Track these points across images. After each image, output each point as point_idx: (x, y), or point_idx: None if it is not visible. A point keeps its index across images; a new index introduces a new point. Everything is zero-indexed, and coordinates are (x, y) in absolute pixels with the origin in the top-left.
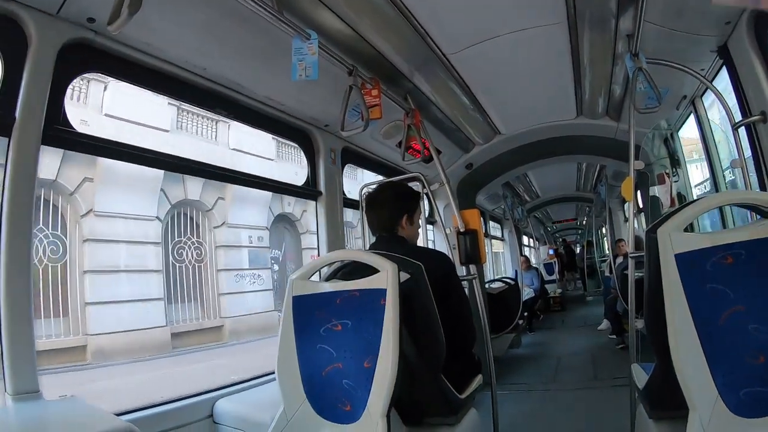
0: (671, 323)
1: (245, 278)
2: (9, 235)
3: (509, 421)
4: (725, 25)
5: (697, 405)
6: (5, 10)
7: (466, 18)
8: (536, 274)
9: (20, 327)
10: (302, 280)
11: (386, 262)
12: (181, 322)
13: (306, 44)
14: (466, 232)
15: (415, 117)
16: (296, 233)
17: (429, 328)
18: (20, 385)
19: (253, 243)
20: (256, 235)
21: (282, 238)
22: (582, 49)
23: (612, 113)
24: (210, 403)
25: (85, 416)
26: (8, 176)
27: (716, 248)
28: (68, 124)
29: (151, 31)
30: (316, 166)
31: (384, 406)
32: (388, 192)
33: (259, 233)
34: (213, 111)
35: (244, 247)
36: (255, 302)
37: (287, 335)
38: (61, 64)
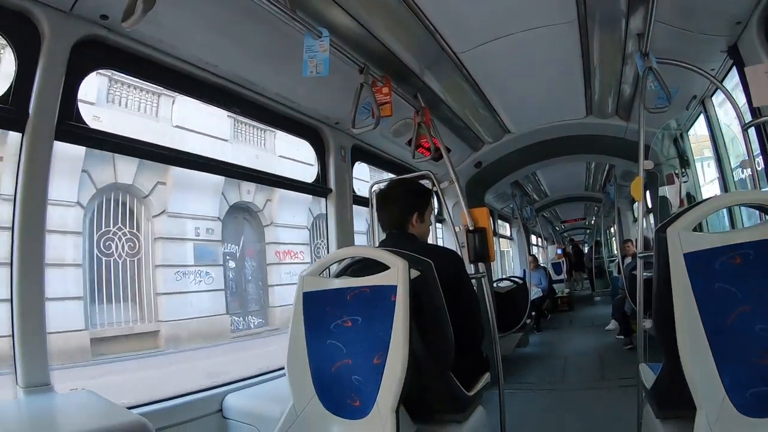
0: (679, 322)
1: (189, 276)
2: (22, 229)
3: (516, 419)
4: (735, 25)
5: (704, 404)
6: (19, 7)
7: (477, 16)
8: (544, 273)
9: (32, 321)
10: (313, 276)
11: (397, 258)
12: (107, 326)
13: (318, 42)
14: (476, 230)
15: (425, 115)
16: (258, 225)
17: (438, 325)
18: (32, 378)
19: (200, 235)
20: (205, 226)
21: (240, 230)
22: (592, 48)
23: (621, 113)
24: (219, 397)
25: (96, 409)
26: (22, 171)
27: (725, 248)
28: (81, 119)
29: (163, 28)
30: (326, 163)
31: (393, 402)
32: (399, 189)
33: (208, 224)
34: (224, 108)
35: (188, 240)
36: (202, 304)
37: (297, 331)
38: (74, 61)
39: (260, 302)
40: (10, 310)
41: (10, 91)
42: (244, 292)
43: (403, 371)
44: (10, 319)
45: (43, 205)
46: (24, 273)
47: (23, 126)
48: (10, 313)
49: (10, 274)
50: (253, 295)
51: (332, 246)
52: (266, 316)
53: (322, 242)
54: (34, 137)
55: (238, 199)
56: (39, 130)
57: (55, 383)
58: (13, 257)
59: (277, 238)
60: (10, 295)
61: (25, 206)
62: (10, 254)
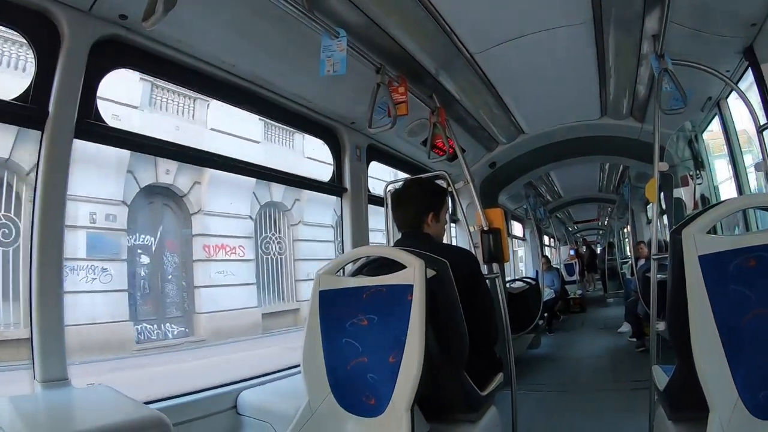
0: (693, 324)
1: (78, 272)
2: (42, 226)
3: (528, 420)
4: (751, 27)
5: (717, 406)
6: (39, 7)
7: (492, 17)
8: (557, 274)
9: (51, 316)
10: (329, 274)
11: (414, 258)
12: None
13: (335, 42)
14: (490, 231)
15: (441, 115)
16: (183, 214)
17: (453, 325)
18: (49, 372)
19: (96, 223)
20: (104, 211)
21: (158, 218)
22: (607, 49)
23: (636, 114)
24: (234, 394)
25: (113, 404)
26: (41, 169)
27: (740, 251)
28: (100, 118)
29: (182, 28)
30: (341, 162)
31: (408, 401)
32: (415, 189)
33: (108, 209)
34: (241, 107)
35: (80, 228)
36: (95, 308)
37: (313, 329)
38: (94, 60)
39: (183, 307)
40: (29, 305)
41: (30, 90)
42: (161, 294)
43: (419, 370)
44: (29, 314)
45: (62, 203)
46: (43, 269)
47: (43, 124)
48: (29, 308)
49: (29, 271)
50: (174, 298)
51: (347, 245)
52: (190, 324)
53: (274, 235)
54: (53, 135)
55: (154, 180)
56: (59, 129)
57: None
58: (32, 254)
59: (208, 229)
60: (29, 291)
61: (45, 203)
62: (30, 251)
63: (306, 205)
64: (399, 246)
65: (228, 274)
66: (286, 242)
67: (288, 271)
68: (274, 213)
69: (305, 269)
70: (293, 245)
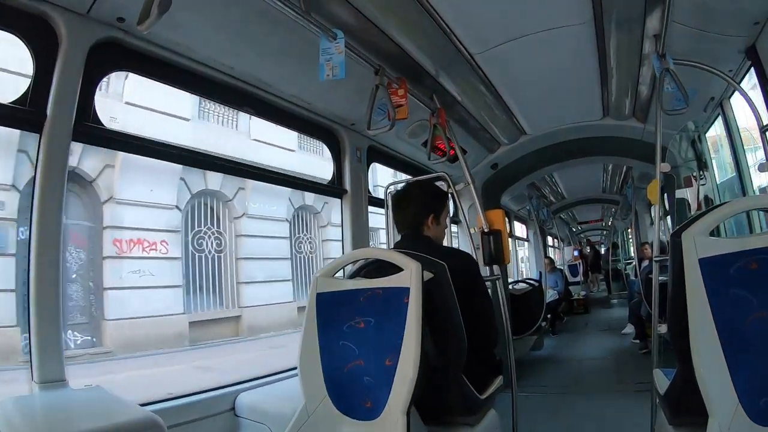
0: (693, 328)
1: None
2: (39, 228)
3: (529, 423)
4: (753, 26)
5: (717, 412)
6: (37, 10)
7: (492, 18)
8: (560, 275)
9: (49, 317)
10: (326, 277)
11: (410, 260)
12: None
13: (333, 44)
14: (491, 233)
15: (441, 116)
16: (93, 202)
17: (451, 328)
18: (47, 373)
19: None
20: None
21: None
22: (608, 49)
23: (639, 114)
24: (232, 396)
25: (109, 405)
26: (39, 171)
27: (741, 253)
28: (98, 120)
29: (179, 31)
30: (341, 164)
31: (404, 404)
32: (415, 191)
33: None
34: (240, 109)
35: None
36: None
37: (310, 331)
38: (92, 63)
39: (89, 312)
40: (27, 307)
41: (28, 93)
42: (62, 296)
43: (415, 373)
44: (27, 315)
45: (60, 205)
46: (41, 271)
47: (41, 127)
48: (26, 310)
49: (27, 273)
50: (79, 301)
51: (347, 247)
52: (98, 332)
53: (210, 229)
54: (51, 138)
55: None
56: (56, 131)
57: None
58: (30, 255)
59: (121, 220)
60: (27, 292)
61: (43, 205)
62: (28, 253)
63: (252, 195)
64: (398, 248)
65: (146, 274)
66: (226, 238)
67: (228, 272)
68: (211, 203)
69: (250, 269)
70: (236, 241)
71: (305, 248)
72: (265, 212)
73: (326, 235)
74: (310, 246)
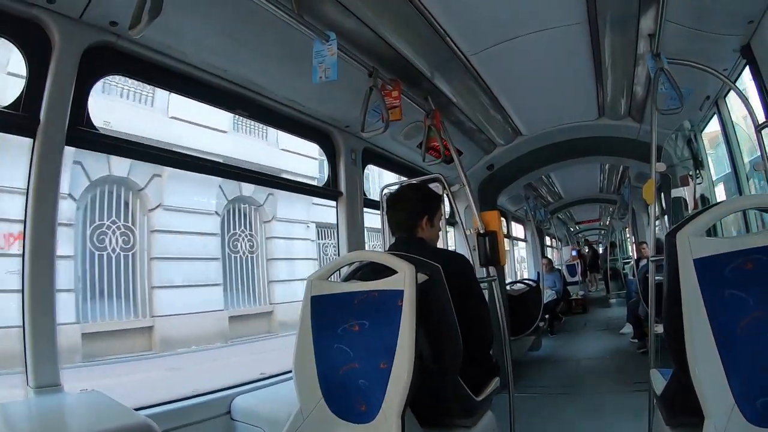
0: (688, 329)
1: None
2: (33, 233)
3: (527, 424)
4: (748, 25)
5: (713, 413)
6: (29, 15)
7: (486, 18)
8: (558, 275)
9: (43, 322)
10: (321, 280)
11: (403, 263)
12: None
13: (326, 46)
14: (486, 234)
15: (436, 118)
16: None
17: (446, 330)
18: (42, 378)
19: None
20: None
21: None
22: (603, 49)
23: (634, 114)
24: (228, 400)
25: (104, 410)
26: (33, 177)
27: (736, 253)
28: (92, 125)
29: (172, 34)
30: (336, 166)
31: (399, 407)
32: (409, 193)
33: None
34: (234, 112)
35: None
36: None
37: (305, 335)
38: (85, 67)
39: None
40: (21, 312)
41: (22, 98)
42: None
43: (409, 376)
44: (21, 320)
45: (54, 210)
46: (35, 276)
47: (34, 132)
48: (21, 314)
49: (22, 277)
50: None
51: (343, 249)
52: None
53: (114, 224)
54: (45, 143)
55: None
56: (50, 136)
57: None
58: (24, 260)
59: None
60: (22, 297)
61: (37, 211)
62: (22, 257)
63: (169, 183)
64: (392, 250)
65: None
66: (136, 234)
67: (139, 275)
68: (118, 192)
69: (166, 272)
70: (149, 238)
71: (243, 247)
72: (188, 204)
73: (272, 231)
74: (249, 244)
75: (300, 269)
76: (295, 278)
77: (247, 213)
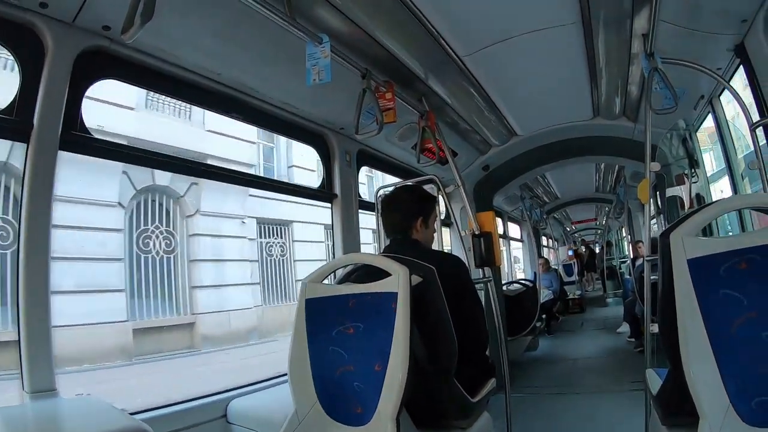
0: (682, 329)
1: None
2: (28, 238)
3: (524, 424)
4: (741, 24)
5: (708, 413)
6: (22, 20)
7: (480, 19)
8: (555, 275)
9: (39, 327)
10: (315, 283)
11: (397, 265)
12: None
13: (319, 48)
14: (481, 235)
15: (430, 119)
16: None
17: (441, 332)
18: (38, 383)
19: None
20: None
21: None
22: (597, 49)
23: (629, 114)
24: (224, 403)
25: (99, 414)
26: (27, 181)
27: (730, 253)
28: (85, 129)
29: (166, 38)
30: (331, 168)
31: (394, 409)
32: (403, 195)
33: None
34: (228, 115)
35: None
36: None
37: (300, 337)
38: (78, 71)
39: None
40: (17, 317)
41: (15, 103)
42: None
43: (404, 379)
44: (17, 325)
45: (48, 215)
46: (30, 281)
47: (28, 137)
48: (17, 319)
49: (17, 283)
50: None
51: (338, 251)
52: None
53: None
54: (38, 148)
55: None
56: (43, 141)
57: None
58: (19, 266)
59: None
60: (17, 303)
61: (31, 216)
62: (17, 263)
63: (60, 168)
64: (386, 252)
65: None
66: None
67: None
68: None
69: (57, 273)
70: None
71: (157, 246)
72: (81, 194)
73: (195, 227)
74: (165, 243)
75: (232, 273)
76: (225, 283)
77: (164, 205)
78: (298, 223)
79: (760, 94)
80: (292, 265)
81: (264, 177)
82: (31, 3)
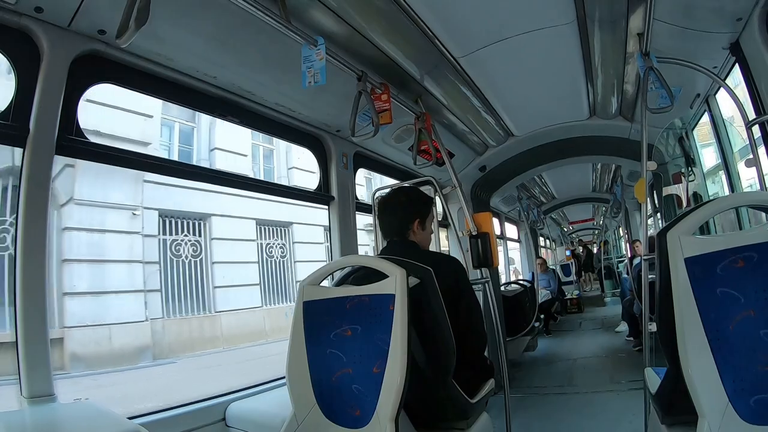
0: (680, 328)
1: None
2: (24, 242)
3: (523, 425)
4: (737, 22)
5: (707, 412)
6: (18, 24)
7: (475, 20)
8: (553, 275)
9: (36, 332)
10: (313, 285)
11: (395, 267)
12: None
13: (314, 51)
14: (479, 236)
15: (426, 120)
16: None
17: (439, 333)
18: (35, 388)
19: None
20: None
21: None
22: (593, 49)
23: (625, 113)
24: (223, 406)
25: (97, 419)
26: (23, 186)
27: (727, 251)
28: (81, 134)
29: (161, 42)
30: (328, 171)
31: (392, 411)
32: (400, 197)
33: None
34: (224, 119)
35: None
36: None
37: (298, 340)
38: (74, 76)
39: None
40: (14, 322)
41: (11, 108)
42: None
43: (402, 380)
44: (14, 330)
45: (44, 219)
46: (27, 287)
47: (24, 141)
48: (14, 325)
49: (13, 288)
50: None
51: (335, 254)
52: None
53: None
54: (35, 152)
55: None
56: (40, 145)
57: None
58: (16, 271)
59: None
60: (14, 308)
61: (28, 220)
62: (13, 268)
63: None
64: (384, 254)
65: None
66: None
67: None
68: None
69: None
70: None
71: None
72: None
73: (68, 219)
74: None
75: (119, 275)
76: (105, 290)
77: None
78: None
79: (755, 92)
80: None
81: (261, 180)
82: (27, 8)
